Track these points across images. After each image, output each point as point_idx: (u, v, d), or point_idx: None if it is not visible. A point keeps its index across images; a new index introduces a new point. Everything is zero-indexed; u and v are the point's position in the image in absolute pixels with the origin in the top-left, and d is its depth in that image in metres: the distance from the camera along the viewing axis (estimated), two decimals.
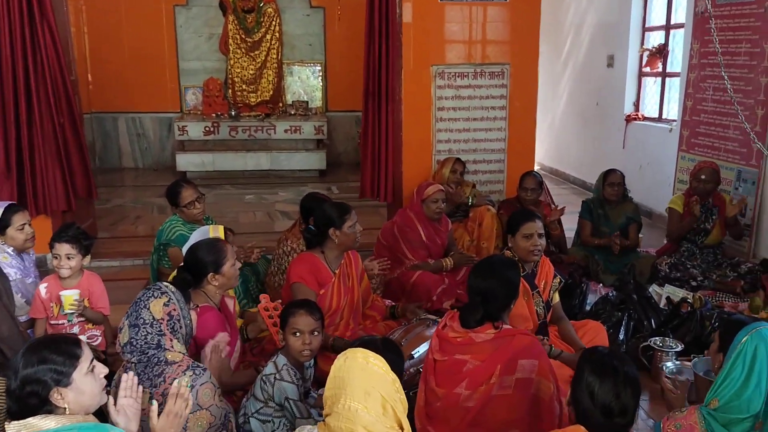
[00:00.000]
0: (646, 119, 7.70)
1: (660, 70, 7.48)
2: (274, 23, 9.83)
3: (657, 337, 3.83)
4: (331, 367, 1.99)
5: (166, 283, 2.76)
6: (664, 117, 7.42)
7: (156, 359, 2.55)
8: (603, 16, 8.50)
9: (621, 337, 4.03)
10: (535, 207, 4.98)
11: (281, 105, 10.02)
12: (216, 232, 3.73)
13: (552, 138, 10.00)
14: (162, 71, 9.85)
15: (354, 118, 10.04)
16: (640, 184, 6.92)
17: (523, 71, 5.80)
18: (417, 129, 5.72)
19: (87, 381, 2.12)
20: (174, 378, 2.50)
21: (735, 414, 2.31)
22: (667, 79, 7.38)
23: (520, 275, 3.07)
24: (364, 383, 1.91)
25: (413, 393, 2.91)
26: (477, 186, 5.78)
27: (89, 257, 3.77)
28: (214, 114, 9.62)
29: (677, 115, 6.73)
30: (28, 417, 2.02)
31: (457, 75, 5.73)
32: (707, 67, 6.03)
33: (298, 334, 2.93)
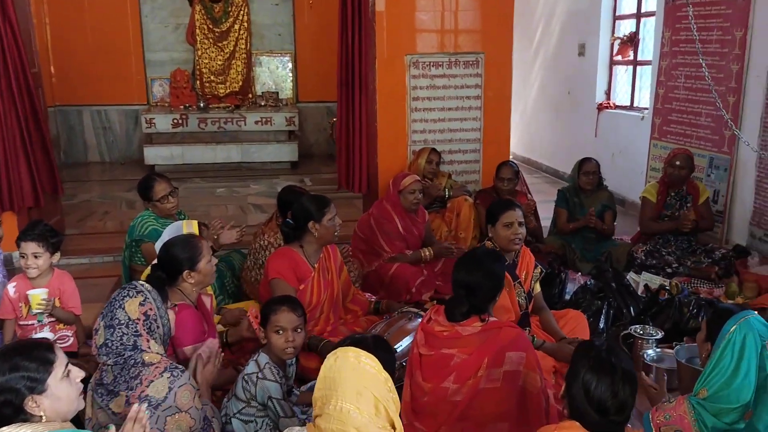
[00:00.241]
0: (617, 107, 7.75)
1: (631, 58, 7.52)
2: (242, 13, 9.67)
3: (637, 325, 3.84)
4: (321, 367, 1.93)
5: (141, 282, 2.66)
6: (635, 105, 7.47)
7: (132, 361, 2.46)
8: (574, 4, 8.51)
9: (601, 326, 4.05)
10: (512, 196, 4.96)
11: (251, 96, 9.88)
12: (190, 227, 3.62)
13: (524, 127, 10.02)
14: (127, 63, 9.64)
15: (325, 108, 9.96)
16: (612, 172, 6.96)
17: (498, 60, 5.78)
18: (392, 119, 5.65)
19: (63, 386, 2.03)
20: (151, 380, 2.42)
21: (725, 404, 2.32)
22: (639, 68, 7.42)
23: (505, 267, 3.05)
24: (356, 383, 1.85)
25: (398, 386, 2.86)
26: (453, 176, 5.74)
27: (59, 255, 3.64)
28: (182, 106, 9.45)
29: (649, 103, 6.78)
30: (2, 427, 1.93)
31: (432, 64, 5.67)
32: (679, 55, 6.07)
33: (281, 331, 2.87)
